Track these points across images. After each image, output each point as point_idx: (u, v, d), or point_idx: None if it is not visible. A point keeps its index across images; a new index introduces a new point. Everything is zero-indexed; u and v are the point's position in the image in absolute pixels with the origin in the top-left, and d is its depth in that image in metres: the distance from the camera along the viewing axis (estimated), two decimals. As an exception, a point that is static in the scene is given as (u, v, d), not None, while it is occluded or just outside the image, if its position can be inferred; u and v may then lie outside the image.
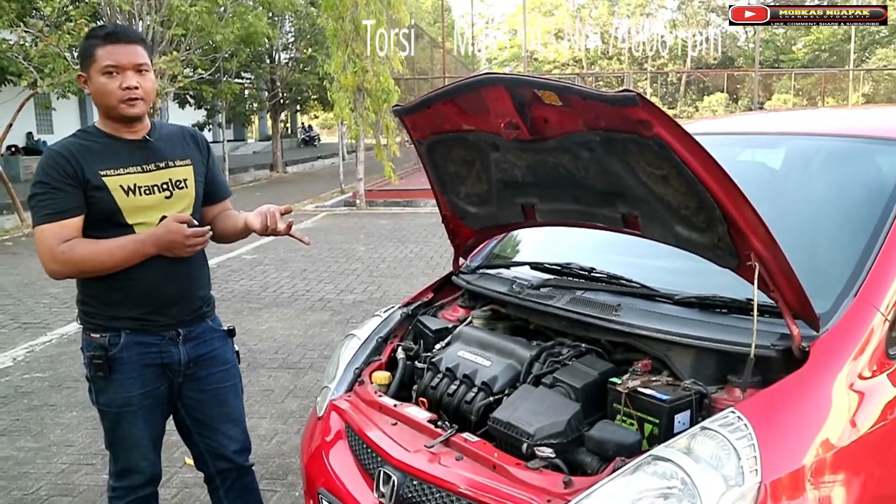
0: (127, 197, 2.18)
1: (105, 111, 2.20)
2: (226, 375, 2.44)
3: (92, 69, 2.14)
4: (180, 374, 2.33)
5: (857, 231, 2.05)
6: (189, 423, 2.43)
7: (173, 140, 2.34)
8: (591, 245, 2.53)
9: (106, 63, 2.12)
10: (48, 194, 2.12)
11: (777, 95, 33.04)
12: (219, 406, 2.43)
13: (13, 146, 19.30)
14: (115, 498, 2.38)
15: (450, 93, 2.07)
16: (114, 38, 2.14)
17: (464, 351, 2.20)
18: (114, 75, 2.13)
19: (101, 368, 2.22)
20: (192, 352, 2.34)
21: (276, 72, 23.98)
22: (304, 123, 40.22)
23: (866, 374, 1.75)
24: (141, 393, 2.27)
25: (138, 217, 2.20)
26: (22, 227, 12.49)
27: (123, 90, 2.14)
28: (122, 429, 2.30)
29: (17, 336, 6.02)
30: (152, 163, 2.25)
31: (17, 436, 4.06)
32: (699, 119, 4.23)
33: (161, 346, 2.28)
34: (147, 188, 2.22)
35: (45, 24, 11.90)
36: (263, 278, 8.06)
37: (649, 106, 1.61)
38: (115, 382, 2.24)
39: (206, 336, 2.39)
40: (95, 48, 2.13)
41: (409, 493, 1.86)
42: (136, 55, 2.16)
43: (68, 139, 2.23)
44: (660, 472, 1.55)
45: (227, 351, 2.46)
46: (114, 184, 2.17)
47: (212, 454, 2.47)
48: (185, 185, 2.30)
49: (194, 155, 2.36)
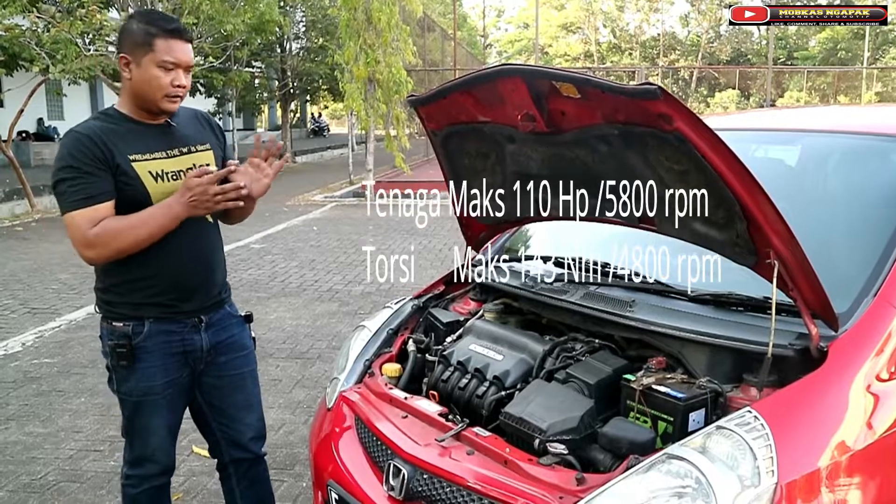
0: (156, 183, 2.16)
1: (142, 101, 2.16)
2: (244, 361, 2.44)
3: (146, 58, 2.10)
4: (202, 361, 2.33)
5: (877, 230, 2.02)
6: (206, 410, 2.43)
7: (191, 124, 2.33)
8: (605, 240, 2.50)
9: (165, 57, 2.10)
10: (79, 179, 2.07)
11: (789, 93, 32.85)
12: (237, 392, 2.43)
13: (24, 132, 19.35)
14: (128, 486, 2.37)
15: (466, 83, 2.05)
16: (177, 34, 2.13)
17: (475, 344, 2.18)
18: (169, 70, 2.11)
19: (125, 357, 2.21)
20: (212, 338, 2.33)
21: (286, 61, 23.96)
22: (313, 113, 40.21)
23: (884, 375, 1.73)
24: (164, 381, 2.26)
25: None
26: (32, 212, 12.53)
27: (174, 87, 2.13)
28: (141, 417, 2.29)
29: (27, 321, 6.04)
30: (175, 148, 2.23)
31: (25, 421, 4.08)
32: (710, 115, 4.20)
33: (184, 334, 2.27)
34: (174, 174, 2.20)
35: (58, 10, 11.91)
36: (272, 268, 8.06)
37: (670, 99, 1.59)
38: (139, 371, 2.23)
39: (224, 322, 2.39)
40: (155, 38, 2.09)
41: (419, 487, 1.85)
42: (191, 55, 2.17)
43: (91, 122, 2.18)
44: (674, 471, 1.53)
45: (244, 336, 2.46)
46: (143, 169, 2.15)
47: (228, 441, 2.46)
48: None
49: (212, 139, 2.36)
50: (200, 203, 2.09)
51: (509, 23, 60.09)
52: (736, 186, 1.64)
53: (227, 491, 2.56)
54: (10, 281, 7.55)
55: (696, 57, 44.69)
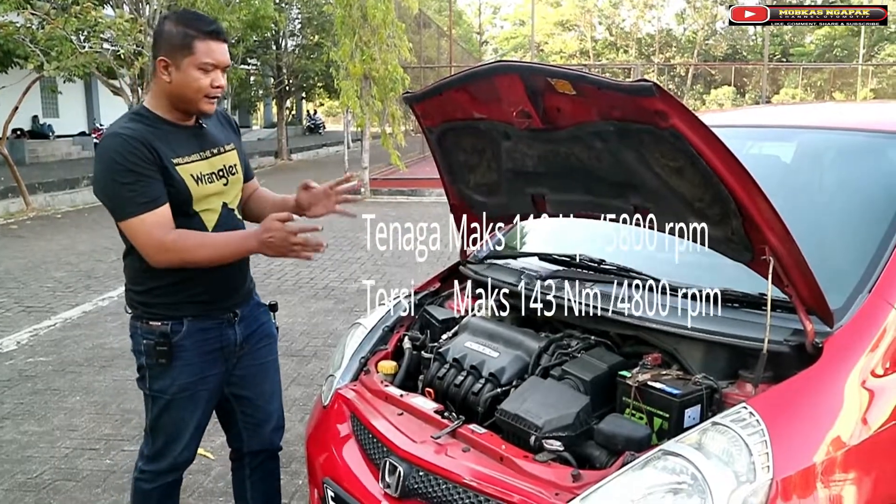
0: (197, 186, 2.17)
1: (182, 102, 2.15)
2: (269, 350, 2.49)
3: (186, 60, 2.08)
4: (235, 355, 2.35)
5: (872, 226, 2.03)
6: (232, 400, 2.43)
7: (217, 125, 2.33)
8: (601, 237, 2.50)
9: (206, 60, 2.09)
10: (139, 183, 2.05)
11: (785, 90, 32.90)
12: (264, 381, 2.46)
13: (19, 130, 19.29)
14: (142, 480, 2.36)
15: (462, 80, 2.04)
16: (215, 35, 2.12)
17: (471, 341, 2.18)
18: (209, 72, 2.11)
19: (165, 355, 2.20)
20: (244, 330, 2.36)
21: (282, 58, 23.93)
22: (309, 111, 40.16)
23: (879, 371, 1.73)
24: (199, 378, 2.26)
25: (203, 204, 2.20)
26: (27, 210, 12.49)
27: (214, 88, 2.13)
28: (172, 414, 2.28)
29: (22, 320, 6.02)
30: (207, 150, 2.24)
31: (20, 419, 4.07)
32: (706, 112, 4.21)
33: (221, 330, 2.29)
34: (209, 176, 2.21)
35: (52, 7, 11.86)
36: (267, 265, 8.05)
37: (666, 96, 1.59)
38: (175, 369, 2.23)
39: (254, 312, 2.43)
40: (195, 40, 2.08)
41: (415, 484, 1.85)
42: (227, 56, 2.17)
43: (130, 123, 2.13)
44: (670, 467, 1.54)
45: (270, 325, 2.50)
46: (185, 172, 2.15)
47: (250, 431, 2.48)
48: (235, 170, 2.31)
49: (234, 138, 2.37)
50: (277, 246, 2.05)
51: (505, 20, 60.11)
52: (731, 183, 1.64)
53: (238, 481, 2.57)
54: (5, 279, 7.52)
55: (692, 54, 44.74)
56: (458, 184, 2.46)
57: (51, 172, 15.54)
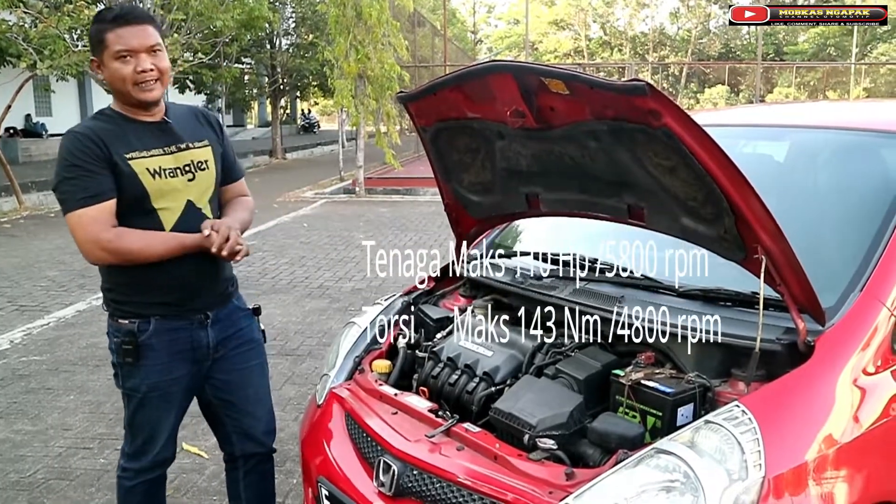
0: (154, 180, 2.15)
1: (122, 96, 2.16)
2: (252, 355, 2.45)
3: (104, 55, 2.09)
4: (208, 357, 2.33)
5: (864, 225, 2.04)
6: (217, 405, 2.43)
7: (189, 121, 2.32)
8: (594, 236, 2.51)
9: (118, 48, 2.08)
10: (81, 178, 2.07)
11: (778, 88, 32.98)
12: (246, 386, 2.43)
13: (12, 128, 19.23)
14: (124, 478, 2.37)
15: (456, 80, 2.04)
16: (122, 21, 2.09)
17: (465, 340, 2.19)
18: (127, 59, 2.09)
19: (131, 354, 2.21)
20: (219, 334, 2.33)
21: (276, 57, 23.89)
22: (303, 110, 40.10)
23: (870, 369, 1.75)
24: (169, 378, 2.26)
25: (162, 201, 2.18)
26: (20, 209, 12.45)
27: (138, 73, 2.10)
28: (145, 413, 2.29)
29: (15, 319, 6.00)
30: (173, 145, 2.22)
31: (14, 418, 4.05)
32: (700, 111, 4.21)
33: (191, 331, 2.27)
34: (171, 171, 2.19)
35: (45, 6, 11.83)
36: (262, 265, 8.04)
37: (658, 96, 1.59)
38: (144, 368, 2.23)
39: (232, 316, 2.39)
40: (105, 33, 2.08)
41: (410, 483, 1.86)
42: (148, 36, 2.11)
43: (88, 122, 2.18)
44: (662, 466, 1.54)
45: (253, 329, 2.46)
46: (140, 167, 2.14)
47: (240, 435, 2.47)
48: (206, 166, 2.28)
49: (210, 135, 2.34)
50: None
51: (499, 19, 60.08)
52: (724, 182, 1.64)
53: (232, 483, 2.57)
54: (-2, 278, 7.50)
55: (686, 53, 44.81)
56: (453, 183, 2.46)
57: (44, 171, 15.45)
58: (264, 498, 2.60)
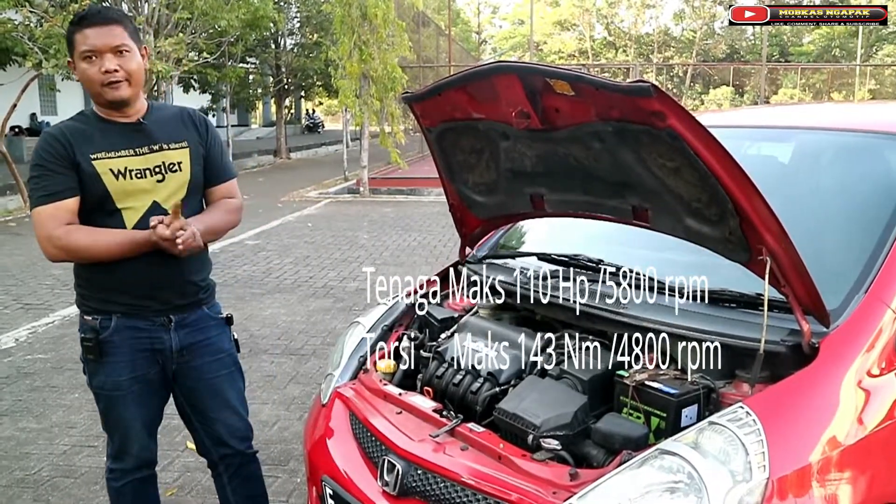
0: (116, 181, 2.16)
1: (94, 97, 2.17)
2: (220, 365, 2.40)
3: (75, 56, 2.12)
4: (173, 360, 2.31)
5: (868, 227, 2.04)
6: (188, 411, 2.43)
7: (170, 122, 2.30)
8: (599, 236, 2.51)
9: (83, 48, 2.09)
10: (43, 177, 2.12)
11: (783, 90, 32.91)
12: (214, 396, 2.41)
13: (17, 127, 19.26)
14: (111, 479, 2.40)
15: (461, 80, 2.05)
16: (88, 22, 2.10)
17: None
18: (93, 60, 2.10)
19: (92, 351, 2.22)
20: (185, 339, 2.31)
21: (281, 57, 23.93)
22: (308, 110, 40.12)
23: (875, 371, 1.74)
24: (131, 377, 2.26)
25: (127, 201, 2.18)
26: (25, 207, 12.47)
27: (103, 74, 2.10)
28: (114, 412, 2.30)
29: (20, 317, 6.02)
30: (145, 146, 2.22)
31: (19, 416, 4.07)
32: (705, 112, 4.20)
33: (152, 332, 2.26)
34: (138, 171, 2.19)
35: (51, 5, 11.86)
36: (266, 264, 8.06)
37: (663, 97, 1.59)
38: (107, 365, 2.24)
39: (201, 323, 2.36)
40: (74, 34, 2.10)
41: (414, 483, 1.86)
42: (113, 36, 2.10)
43: (65, 122, 2.22)
44: (666, 466, 1.54)
45: (223, 339, 2.42)
46: (103, 167, 2.15)
47: (213, 441, 2.46)
48: (178, 167, 2.26)
49: (191, 136, 2.31)
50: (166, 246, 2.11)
51: (504, 19, 60.09)
52: (728, 183, 1.64)
53: (220, 488, 2.56)
54: (2, 276, 7.52)
55: (691, 54, 44.76)
56: (457, 183, 2.46)
57: (49, 170, 15.49)
58: (254, 500, 2.58)
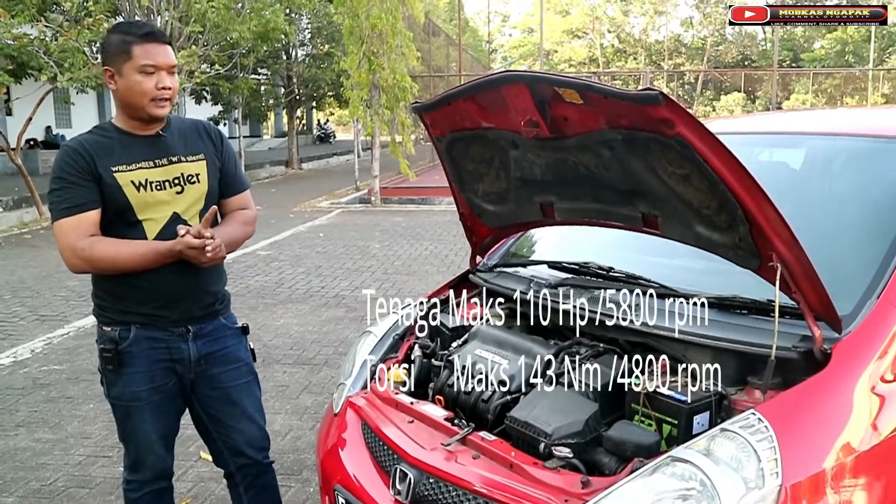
0: (138, 192, 2.20)
1: (131, 109, 2.20)
2: (238, 374, 2.43)
3: (126, 65, 2.14)
4: (191, 370, 2.33)
5: (880, 232, 2.03)
6: (206, 420, 2.44)
7: (187, 135, 2.34)
8: (609, 244, 2.51)
9: (144, 62, 2.13)
10: (65, 189, 2.15)
11: (795, 95, 32.77)
12: (232, 405, 2.43)
13: (32, 140, 19.46)
14: (129, 490, 2.40)
15: (470, 90, 2.06)
16: (152, 38, 2.16)
17: (481, 349, 2.19)
18: (151, 74, 2.15)
19: (111, 361, 2.24)
20: (202, 349, 2.34)
21: (292, 68, 24.04)
22: (319, 120, 40.30)
23: (889, 376, 1.73)
24: (149, 388, 2.28)
25: (148, 212, 2.22)
26: (41, 220, 12.60)
27: (159, 90, 2.16)
28: (131, 423, 2.32)
29: (36, 328, 6.07)
30: (164, 157, 2.26)
31: (35, 427, 4.10)
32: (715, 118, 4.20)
33: (170, 342, 2.28)
34: (158, 183, 2.23)
35: (65, 19, 12.00)
36: (278, 274, 8.09)
37: (672, 105, 1.60)
38: (125, 376, 2.26)
39: (218, 333, 2.38)
40: (132, 45, 2.13)
41: (426, 491, 1.86)
42: (171, 56, 2.20)
43: (84, 135, 2.25)
44: (679, 474, 1.54)
45: (239, 349, 2.45)
46: (125, 179, 2.18)
47: (230, 451, 2.47)
48: (197, 179, 2.30)
49: (208, 149, 2.36)
50: (192, 257, 2.15)
51: (514, 28, 60.19)
52: (738, 190, 1.64)
53: (236, 498, 2.57)
54: (19, 288, 7.59)
55: (702, 60, 44.67)
56: (467, 192, 2.47)
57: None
58: None
